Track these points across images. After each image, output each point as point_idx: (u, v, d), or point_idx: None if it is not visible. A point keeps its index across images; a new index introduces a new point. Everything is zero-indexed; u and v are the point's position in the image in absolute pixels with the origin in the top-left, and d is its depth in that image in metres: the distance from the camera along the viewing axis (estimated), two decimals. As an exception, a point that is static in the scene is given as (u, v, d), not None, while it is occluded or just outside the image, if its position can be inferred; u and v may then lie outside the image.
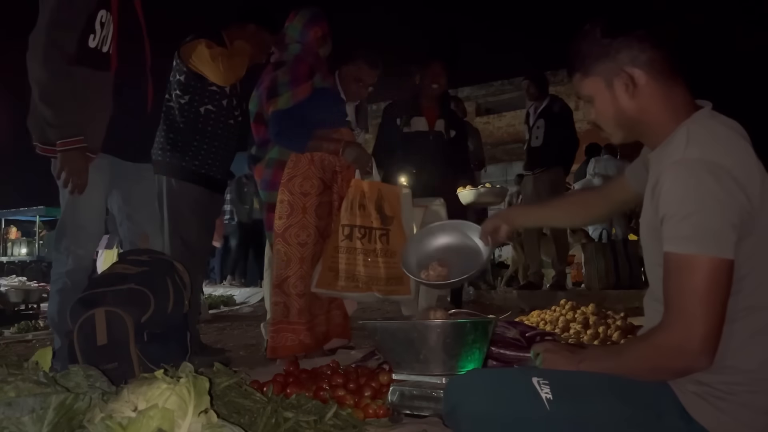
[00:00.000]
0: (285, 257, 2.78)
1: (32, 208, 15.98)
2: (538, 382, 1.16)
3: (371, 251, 2.86)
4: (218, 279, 8.58)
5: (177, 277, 2.26)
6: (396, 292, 2.88)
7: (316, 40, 2.93)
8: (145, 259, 2.26)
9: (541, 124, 5.16)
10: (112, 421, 1.11)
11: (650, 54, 1.19)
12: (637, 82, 1.20)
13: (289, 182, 2.81)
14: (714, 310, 1.06)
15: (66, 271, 2.30)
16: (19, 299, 5.94)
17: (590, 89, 1.26)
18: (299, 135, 2.80)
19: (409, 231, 2.88)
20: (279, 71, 2.83)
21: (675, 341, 1.08)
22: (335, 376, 2.02)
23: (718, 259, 1.06)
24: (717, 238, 1.07)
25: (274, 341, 2.75)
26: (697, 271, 1.07)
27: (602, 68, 1.23)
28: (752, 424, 1.10)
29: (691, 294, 1.07)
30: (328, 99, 2.89)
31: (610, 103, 1.24)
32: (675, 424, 1.13)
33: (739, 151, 1.13)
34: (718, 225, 1.07)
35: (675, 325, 1.08)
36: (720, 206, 1.06)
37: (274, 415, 1.53)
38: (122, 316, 2.02)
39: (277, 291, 2.79)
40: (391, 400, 1.70)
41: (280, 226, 2.80)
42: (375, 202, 2.89)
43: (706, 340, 1.06)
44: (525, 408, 1.14)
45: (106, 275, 2.20)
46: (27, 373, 1.34)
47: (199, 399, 1.18)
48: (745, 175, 1.09)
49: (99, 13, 2.23)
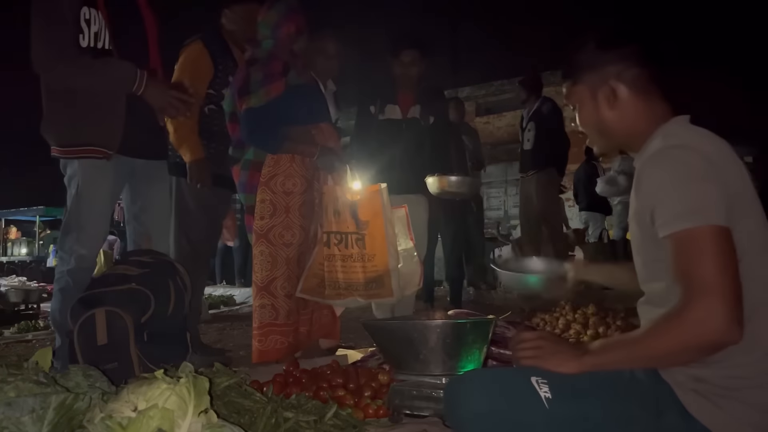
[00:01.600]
0: (270, 258, 2.71)
1: (32, 208, 15.97)
2: (537, 381, 1.16)
3: (348, 257, 2.84)
4: (218, 279, 8.59)
5: (178, 279, 2.27)
6: (378, 295, 2.83)
7: (290, 35, 2.81)
8: (147, 260, 2.26)
9: (532, 126, 5.23)
10: (112, 421, 1.11)
11: (635, 71, 1.28)
12: (618, 96, 1.29)
13: (270, 181, 2.73)
14: (730, 276, 1.05)
15: (68, 269, 2.30)
16: (19, 299, 5.93)
17: (577, 97, 1.35)
18: (272, 135, 2.71)
19: (390, 228, 2.83)
20: (252, 68, 2.74)
21: (700, 315, 1.04)
22: (335, 376, 2.02)
23: (717, 226, 1.07)
24: (709, 208, 1.08)
25: (263, 345, 2.67)
26: (701, 242, 1.06)
27: (590, 79, 1.31)
28: (753, 423, 1.11)
29: (703, 265, 1.05)
30: (304, 95, 2.80)
31: (593, 112, 1.33)
32: (675, 423, 1.13)
33: (718, 143, 1.18)
34: (707, 196, 1.09)
35: (696, 299, 1.04)
36: (705, 180, 1.10)
37: (274, 415, 1.53)
38: (122, 316, 2.02)
39: (264, 293, 2.71)
40: (391, 400, 1.70)
41: (263, 226, 2.72)
42: (349, 207, 2.85)
43: (732, 309, 1.03)
44: (524, 407, 1.14)
45: (107, 275, 2.20)
46: (27, 373, 1.34)
47: (199, 399, 1.18)
48: (723, 162, 1.14)
49: (82, 10, 2.23)
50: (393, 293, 2.79)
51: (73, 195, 2.30)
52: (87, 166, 2.28)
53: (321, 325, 2.95)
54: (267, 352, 2.66)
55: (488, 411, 1.16)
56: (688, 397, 1.13)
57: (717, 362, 1.10)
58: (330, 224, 2.85)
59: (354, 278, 2.82)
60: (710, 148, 1.15)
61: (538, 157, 5.20)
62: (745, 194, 1.15)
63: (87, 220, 2.30)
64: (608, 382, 1.18)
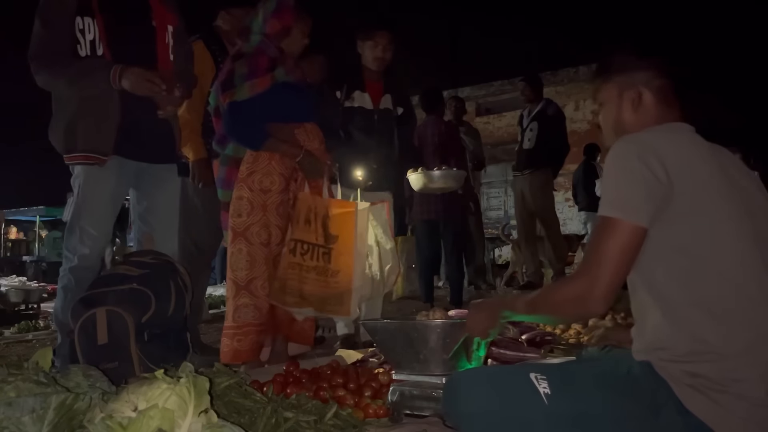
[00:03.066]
0: (249, 257, 2.63)
1: (32, 208, 15.96)
2: (536, 377, 1.17)
3: (312, 268, 2.75)
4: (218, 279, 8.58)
5: (179, 279, 2.28)
6: (334, 312, 2.79)
7: (277, 32, 2.73)
8: (148, 261, 2.27)
9: (534, 126, 5.25)
10: (112, 421, 1.12)
11: (663, 81, 1.36)
12: (642, 101, 1.36)
13: (249, 178, 2.65)
14: (617, 271, 1.19)
15: (70, 267, 2.35)
16: (19, 299, 5.93)
17: (605, 95, 1.42)
18: (255, 131, 2.64)
19: (361, 247, 2.76)
20: (237, 62, 2.67)
21: (578, 292, 1.21)
22: (335, 376, 2.02)
23: (631, 224, 1.18)
24: (629, 204, 1.19)
25: (241, 344, 2.58)
26: (610, 231, 1.19)
27: (620, 80, 1.39)
28: (748, 417, 1.11)
29: (601, 253, 1.19)
30: (291, 93, 2.72)
31: (615, 111, 1.40)
32: (673, 419, 1.14)
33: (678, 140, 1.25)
34: (633, 193, 1.19)
35: (581, 278, 1.22)
36: (635, 177, 1.18)
37: (274, 415, 1.53)
38: (123, 315, 2.03)
39: (245, 292, 2.62)
40: (391, 400, 1.70)
41: (240, 224, 2.64)
42: (321, 219, 2.76)
43: (605, 297, 1.19)
44: (524, 404, 1.15)
45: (108, 276, 2.21)
46: (27, 373, 1.34)
47: (199, 399, 1.18)
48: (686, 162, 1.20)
49: (76, 21, 2.26)
50: (350, 312, 2.75)
51: (75, 196, 2.35)
52: (87, 168, 2.32)
53: (296, 331, 2.83)
54: (244, 352, 2.58)
55: (487, 407, 1.17)
56: (685, 392, 1.14)
57: (711, 359, 1.13)
58: (300, 232, 2.75)
59: (313, 291, 2.73)
60: (662, 143, 1.22)
61: (538, 157, 5.23)
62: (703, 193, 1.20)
63: (88, 220, 2.33)
64: (607, 378, 1.20)
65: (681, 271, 1.18)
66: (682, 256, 1.18)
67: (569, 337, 2.88)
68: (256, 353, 2.61)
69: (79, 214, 2.34)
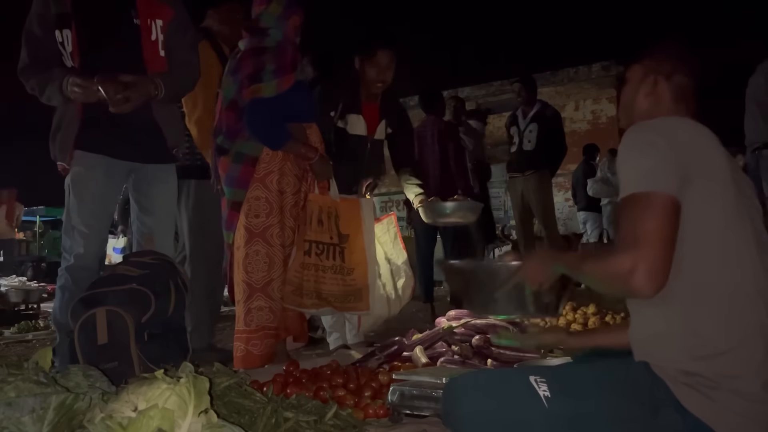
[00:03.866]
0: (267, 259, 2.59)
1: (32, 208, 15.94)
2: (536, 380, 1.17)
3: (328, 268, 2.82)
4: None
5: (179, 280, 2.28)
6: (354, 308, 2.90)
7: (295, 29, 2.70)
8: (148, 261, 2.27)
9: (534, 128, 5.29)
10: (112, 421, 1.12)
11: (683, 79, 1.39)
12: (657, 90, 1.39)
13: (266, 178, 2.62)
14: (661, 247, 1.12)
15: (67, 267, 2.37)
16: (19, 299, 5.93)
17: (630, 74, 1.46)
18: (279, 131, 2.61)
19: (370, 242, 2.86)
20: (265, 57, 2.60)
21: (626, 265, 1.12)
22: (335, 376, 2.02)
23: (664, 193, 1.15)
24: (658, 176, 1.16)
25: (258, 349, 2.55)
26: (645, 203, 1.15)
27: (647, 64, 1.42)
28: (743, 412, 1.12)
29: (642, 223, 1.13)
30: (303, 92, 2.73)
31: (633, 91, 1.43)
32: (671, 418, 1.15)
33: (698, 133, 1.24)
34: (659, 166, 1.17)
35: (628, 251, 1.13)
36: (660, 152, 1.17)
37: (274, 415, 1.53)
38: (123, 315, 2.03)
39: (260, 295, 2.58)
40: (391, 400, 1.70)
41: (259, 225, 2.59)
42: (334, 219, 2.84)
43: (648, 278, 1.11)
44: (523, 406, 1.16)
45: (108, 276, 2.22)
46: (27, 373, 1.34)
47: (199, 399, 1.18)
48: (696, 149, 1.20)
49: (56, 34, 2.30)
50: (369, 306, 2.88)
51: (66, 197, 2.41)
52: (75, 169, 2.37)
53: (287, 326, 2.79)
54: (259, 356, 2.55)
55: (487, 411, 1.17)
56: (681, 390, 1.15)
57: (706, 356, 1.14)
58: (313, 233, 2.79)
59: (331, 290, 2.82)
60: (682, 134, 1.22)
61: (538, 158, 5.27)
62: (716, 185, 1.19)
63: (79, 220, 2.36)
64: (606, 380, 1.20)
65: (678, 266, 1.15)
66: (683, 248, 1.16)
67: (569, 337, 2.88)
68: (271, 357, 2.57)
69: (70, 214, 2.38)
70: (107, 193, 2.43)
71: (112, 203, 2.53)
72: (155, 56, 2.40)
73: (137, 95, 2.25)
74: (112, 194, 2.48)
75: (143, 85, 2.28)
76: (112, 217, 2.51)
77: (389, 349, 2.46)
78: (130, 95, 2.23)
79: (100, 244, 2.44)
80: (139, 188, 2.53)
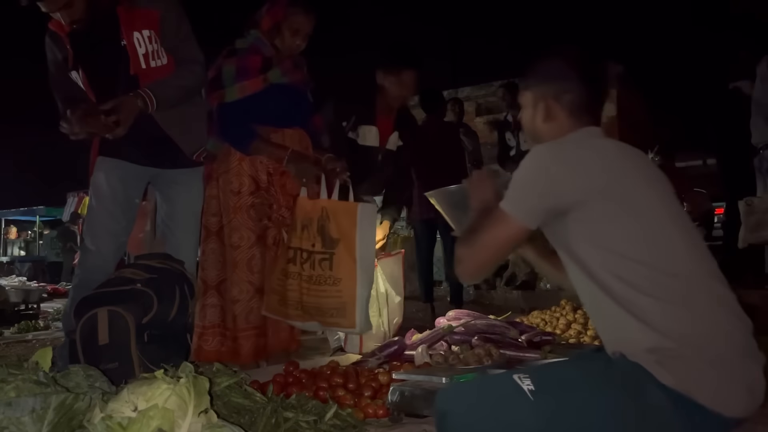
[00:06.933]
0: (221, 258, 2.60)
1: (32, 208, 15.95)
2: (519, 377, 1.22)
3: (311, 278, 2.56)
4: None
5: (185, 286, 2.28)
6: (338, 324, 2.54)
7: (269, 29, 2.63)
8: (155, 265, 2.28)
9: None
10: (112, 421, 1.12)
11: (572, 96, 1.45)
12: (552, 113, 1.47)
13: (220, 178, 2.61)
14: (492, 255, 1.40)
15: (81, 267, 2.43)
16: (19, 299, 5.93)
17: (524, 100, 1.54)
18: (243, 133, 2.58)
19: (365, 252, 2.52)
20: (226, 61, 2.59)
21: (459, 254, 1.42)
22: (335, 376, 2.02)
23: (517, 222, 1.35)
24: (525, 206, 1.35)
25: (209, 344, 2.57)
26: (501, 223, 1.36)
27: (537, 89, 1.50)
28: (708, 377, 1.20)
29: (486, 238, 1.38)
30: (284, 96, 2.64)
31: (530, 118, 1.52)
32: (656, 394, 1.19)
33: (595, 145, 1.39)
34: (531, 198, 1.34)
35: (465, 246, 1.42)
36: (541, 184, 1.33)
37: (274, 415, 1.53)
38: (124, 315, 2.03)
39: (213, 292, 2.59)
40: (391, 400, 1.70)
41: (214, 223, 2.62)
42: (317, 223, 2.58)
43: (472, 273, 1.44)
44: (510, 404, 1.19)
45: (113, 278, 2.23)
46: (27, 373, 1.34)
47: (199, 399, 1.18)
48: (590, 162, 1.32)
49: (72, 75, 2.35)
50: (355, 324, 2.48)
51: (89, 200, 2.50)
52: (96, 173, 2.43)
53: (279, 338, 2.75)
54: (208, 352, 2.55)
55: (476, 416, 1.19)
56: (654, 368, 1.20)
57: (661, 331, 1.23)
58: (297, 239, 2.62)
59: (315, 302, 2.55)
60: (589, 154, 1.34)
61: None
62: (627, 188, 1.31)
63: (96, 221, 2.42)
64: (589, 368, 1.29)
65: (618, 264, 1.27)
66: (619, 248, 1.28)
67: (569, 337, 2.88)
68: (226, 356, 2.53)
69: (89, 216, 2.47)
70: (124, 196, 2.44)
71: (131, 207, 2.53)
72: (147, 69, 2.35)
73: (125, 115, 2.24)
74: (129, 197, 2.48)
75: (127, 101, 2.26)
76: (133, 221, 2.51)
77: (389, 349, 2.46)
78: (118, 119, 2.23)
79: (117, 246, 2.46)
80: (165, 193, 2.56)
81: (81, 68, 2.33)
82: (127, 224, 2.49)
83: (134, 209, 2.54)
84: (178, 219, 2.55)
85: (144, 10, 2.33)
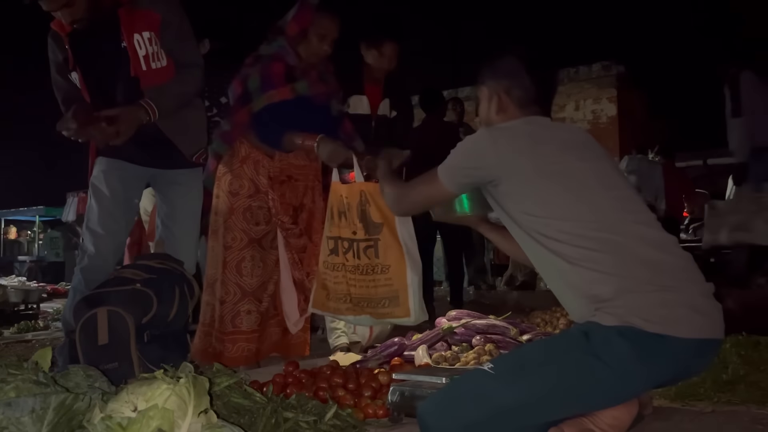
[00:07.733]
0: (217, 257, 2.63)
1: (32, 208, 15.95)
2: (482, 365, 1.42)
3: (358, 267, 2.38)
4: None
5: (185, 287, 2.28)
6: (392, 314, 2.36)
7: (296, 35, 2.58)
8: (155, 266, 2.28)
9: None
10: (112, 421, 1.12)
11: (520, 91, 1.64)
12: (503, 106, 1.66)
13: (222, 178, 2.66)
14: (419, 206, 1.85)
15: (80, 267, 2.42)
16: (19, 299, 5.93)
17: (479, 94, 1.74)
18: (275, 130, 2.58)
19: (406, 236, 2.38)
20: (251, 71, 2.60)
21: (393, 199, 1.93)
22: (335, 376, 2.02)
23: (444, 187, 1.64)
24: (455, 175, 1.62)
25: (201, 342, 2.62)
26: (431, 182, 1.67)
27: (490, 84, 1.69)
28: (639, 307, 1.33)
29: (418, 191, 1.77)
30: (307, 108, 2.61)
31: (485, 111, 1.71)
32: (602, 333, 1.33)
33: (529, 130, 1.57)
34: (462, 170, 1.61)
35: (400, 196, 1.88)
36: (474, 161, 1.57)
37: (274, 415, 1.53)
38: (124, 315, 2.03)
39: (209, 290, 2.63)
40: (391, 400, 1.70)
41: (214, 222, 2.67)
42: (357, 208, 2.37)
43: (401, 213, 2.09)
44: (476, 384, 1.36)
45: (113, 278, 2.23)
46: (27, 373, 1.34)
47: (199, 399, 1.18)
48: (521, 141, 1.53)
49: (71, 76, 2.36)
50: (410, 313, 2.31)
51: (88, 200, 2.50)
52: (95, 173, 2.44)
53: (288, 343, 2.77)
54: (198, 352, 2.57)
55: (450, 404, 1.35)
56: (603, 317, 1.35)
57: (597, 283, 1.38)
58: (338, 228, 2.43)
59: (365, 293, 2.37)
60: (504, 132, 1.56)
61: None
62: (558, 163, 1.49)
63: (94, 221, 2.41)
64: (545, 339, 1.55)
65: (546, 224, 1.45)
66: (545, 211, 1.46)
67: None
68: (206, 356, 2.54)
69: (88, 216, 2.45)
70: (123, 196, 2.45)
71: (130, 207, 2.54)
72: (148, 73, 2.34)
73: (125, 126, 2.25)
74: (128, 198, 2.49)
75: (130, 113, 2.27)
76: (132, 221, 2.52)
77: (389, 349, 2.46)
78: (118, 129, 2.23)
79: (116, 246, 2.47)
80: (164, 193, 2.57)
81: (79, 69, 2.34)
82: (126, 224, 2.51)
83: (134, 209, 2.57)
84: (178, 219, 2.55)
85: (145, 11, 2.33)
